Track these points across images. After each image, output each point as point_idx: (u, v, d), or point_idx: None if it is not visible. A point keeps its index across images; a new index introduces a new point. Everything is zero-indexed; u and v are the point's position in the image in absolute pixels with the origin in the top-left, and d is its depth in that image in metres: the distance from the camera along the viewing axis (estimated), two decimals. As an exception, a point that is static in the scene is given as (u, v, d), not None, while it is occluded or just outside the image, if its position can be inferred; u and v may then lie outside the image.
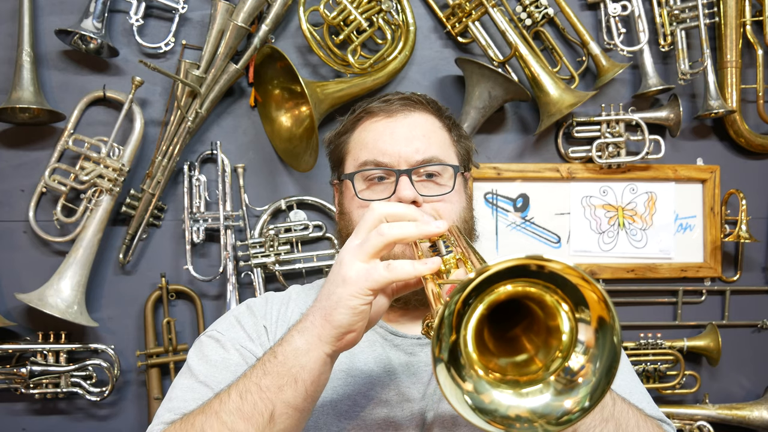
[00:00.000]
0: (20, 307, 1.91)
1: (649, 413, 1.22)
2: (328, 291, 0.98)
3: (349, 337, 0.97)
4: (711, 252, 2.18)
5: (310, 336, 0.98)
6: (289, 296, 1.40)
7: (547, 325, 0.83)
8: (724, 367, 2.18)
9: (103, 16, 1.87)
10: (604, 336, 0.78)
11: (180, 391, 1.19)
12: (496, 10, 1.98)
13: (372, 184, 1.32)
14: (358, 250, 0.97)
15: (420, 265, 0.93)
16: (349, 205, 1.34)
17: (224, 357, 1.23)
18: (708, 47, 2.07)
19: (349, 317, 0.95)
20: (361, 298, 0.94)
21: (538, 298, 0.82)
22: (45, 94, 1.89)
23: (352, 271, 0.95)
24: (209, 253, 2.00)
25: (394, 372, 1.25)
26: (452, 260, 0.96)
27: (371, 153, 1.31)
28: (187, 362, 1.26)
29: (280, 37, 2.02)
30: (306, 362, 0.98)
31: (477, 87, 1.96)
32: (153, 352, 1.92)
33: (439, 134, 1.36)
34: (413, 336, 1.29)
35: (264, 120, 2.00)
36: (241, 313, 1.34)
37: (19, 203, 1.93)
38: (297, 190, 2.03)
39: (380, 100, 1.37)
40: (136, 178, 1.96)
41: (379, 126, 1.35)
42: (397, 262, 0.93)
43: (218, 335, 1.28)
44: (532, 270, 0.77)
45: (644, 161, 2.11)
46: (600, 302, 0.77)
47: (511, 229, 2.13)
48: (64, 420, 1.95)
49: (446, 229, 0.98)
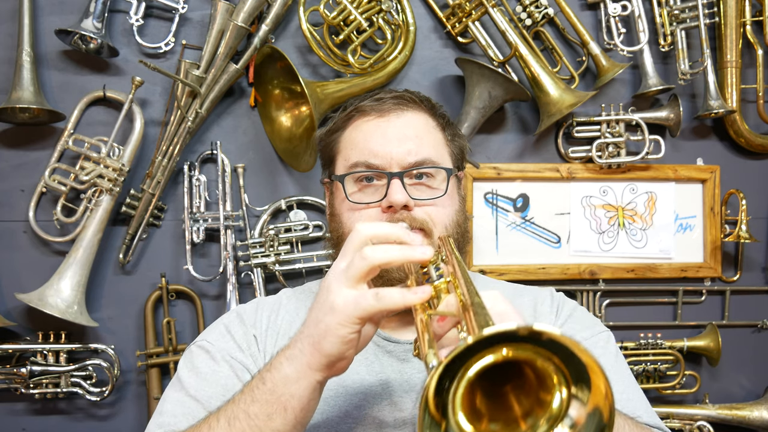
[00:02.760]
0: (20, 307, 1.91)
1: (646, 421, 1.20)
2: (316, 318, 0.95)
3: (340, 365, 0.96)
4: (711, 252, 2.18)
5: (300, 364, 0.96)
6: (280, 302, 1.37)
7: (538, 392, 0.79)
8: (724, 367, 2.18)
9: (103, 16, 1.87)
10: (596, 424, 0.75)
11: (170, 405, 1.18)
12: (496, 10, 1.98)
13: (363, 186, 1.28)
14: (343, 276, 0.94)
15: (410, 294, 0.89)
16: (340, 207, 1.31)
17: (214, 369, 1.22)
18: (708, 47, 2.07)
19: (338, 346, 0.92)
20: (350, 326, 0.91)
21: (534, 363, 0.77)
22: (45, 94, 1.89)
23: (340, 299, 0.92)
24: (209, 253, 2.00)
25: (386, 381, 1.23)
26: (443, 285, 0.93)
27: (362, 154, 1.28)
28: (177, 372, 1.25)
29: (280, 37, 2.02)
30: (296, 390, 0.96)
31: (477, 87, 1.96)
32: (153, 352, 1.92)
33: (432, 134, 1.33)
34: (406, 341, 1.27)
35: (264, 120, 2.00)
36: (231, 321, 1.32)
37: (19, 203, 1.93)
38: (297, 190, 2.03)
39: (372, 99, 1.33)
40: (136, 178, 1.96)
41: (370, 126, 1.31)
42: (386, 290, 0.90)
43: (208, 345, 1.26)
44: (540, 340, 0.73)
45: (644, 161, 2.11)
46: (605, 399, 0.73)
47: (511, 229, 2.13)
48: (64, 420, 1.95)
49: (431, 255, 0.95)
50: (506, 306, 0.89)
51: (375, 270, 0.93)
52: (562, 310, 1.36)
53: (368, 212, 1.26)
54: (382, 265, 0.93)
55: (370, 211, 1.26)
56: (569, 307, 1.37)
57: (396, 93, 1.35)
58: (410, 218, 1.23)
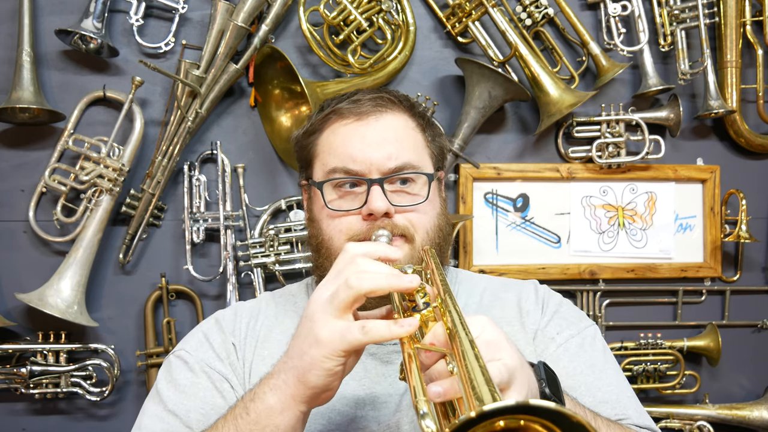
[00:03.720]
0: (20, 307, 1.91)
1: (636, 421, 1.18)
2: (300, 350, 0.94)
3: (324, 396, 0.95)
4: (711, 252, 2.18)
5: (284, 396, 0.95)
6: (259, 307, 1.35)
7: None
8: (724, 367, 2.18)
9: (103, 16, 1.87)
10: None
11: (149, 420, 1.18)
12: (496, 10, 1.98)
13: (343, 193, 1.24)
14: (328, 306, 0.92)
15: (396, 327, 0.87)
16: (319, 214, 1.27)
17: (193, 381, 1.20)
18: (708, 47, 2.07)
19: (323, 379, 0.92)
20: (335, 359, 0.90)
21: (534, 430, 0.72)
22: (45, 94, 1.89)
23: (325, 331, 0.91)
24: (209, 253, 2.00)
25: (370, 385, 1.21)
26: (429, 314, 0.92)
27: (340, 159, 1.23)
28: (156, 384, 1.24)
29: (280, 37, 2.02)
30: (280, 422, 0.95)
31: (477, 87, 1.96)
32: (153, 352, 1.92)
33: (412, 136, 1.28)
34: (390, 342, 1.22)
35: (264, 120, 2.00)
36: (210, 328, 1.30)
37: (19, 203, 1.92)
38: (297, 190, 2.03)
39: (350, 100, 1.27)
40: (136, 178, 1.96)
41: (348, 129, 1.26)
42: (372, 323, 0.89)
43: (186, 356, 1.25)
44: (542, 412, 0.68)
45: (644, 161, 2.11)
46: None
47: (511, 229, 2.13)
48: (64, 420, 1.95)
49: (418, 284, 0.93)
50: (495, 334, 0.87)
51: (361, 299, 0.92)
52: (547, 306, 1.32)
53: (348, 219, 1.23)
54: (368, 294, 0.92)
55: (349, 219, 1.23)
56: (555, 302, 1.34)
57: (374, 94, 1.29)
58: (391, 225, 1.20)
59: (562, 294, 1.43)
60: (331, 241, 1.24)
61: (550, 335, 1.27)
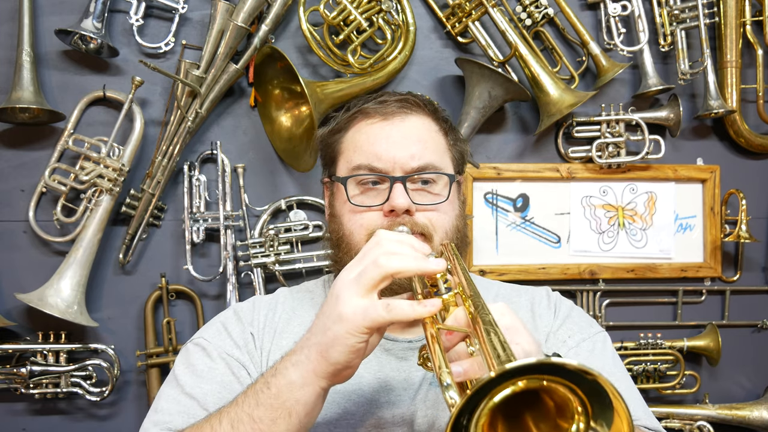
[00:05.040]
0: (20, 307, 1.91)
1: (644, 423, 1.20)
2: (323, 325, 0.96)
3: (345, 373, 0.97)
4: (711, 252, 2.18)
5: (305, 371, 0.97)
6: (277, 300, 1.38)
7: (556, 419, 0.77)
8: (724, 367, 2.18)
9: (103, 16, 1.87)
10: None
11: (166, 403, 1.19)
12: (496, 10, 1.98)
13: (365, 189, 1.28)
14: (354, 284, 0.94)
15: (420, 307, 0.91)
16: (341, 209, 1.30)
17: (210, 367, 1.22)
18: (708, 47, 2.07)
19: (345, 355, 0.94)
20: (358, 336, 0.92)
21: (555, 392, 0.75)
22: (45, 94, 1.89)
23: (350, 308, 0.93)
24: (209, 253, 2.00)
25: (385, 379, 1.23)
26: (451, 298, 0.94)
27: (365, 157, 1.27)
28: (173, 370, 1.25)
29: (280, 37, 2.02)
30: (301, 396, 0.97)
31: (477, 87, 1.96)
32: (153, 352, 1.92)
33: (435, 139, 1.32)
34: (404, 339, 1.28)
35: (264, 120, 2.00)
36: (228, 318, 1.32)
37: (19, 203, 1.93)
38: (297, 190, 2.03)
39: (376, 101, 1.32)
40: (136, 178, 1.96)
41: (374, 128, 1.30)
42: (396, 302, 0.91)
43: (205, 343, 1.27)
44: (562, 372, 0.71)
45: (644, 161, 2.11)
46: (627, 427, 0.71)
47: (511, 229, 2.13)
48: (64, 420, 1.95)
49: (444, 268, 0.96)
50: (513, 319, 0.90)
51: (388, 278, 0.94)
52: (559, 310, 1.36)
53: (369, 215, 1.26)
54: (395, 274, 0.93)
55: (371, 214, 1.26)
56: (566, 308, 1.38)
57: (400, 96, 1.34)
58: (411, 222, 1.24)
59: (561, 294, 1.45)
60: (352, 236, 1.27)
61: (561, 338, 1.30)
